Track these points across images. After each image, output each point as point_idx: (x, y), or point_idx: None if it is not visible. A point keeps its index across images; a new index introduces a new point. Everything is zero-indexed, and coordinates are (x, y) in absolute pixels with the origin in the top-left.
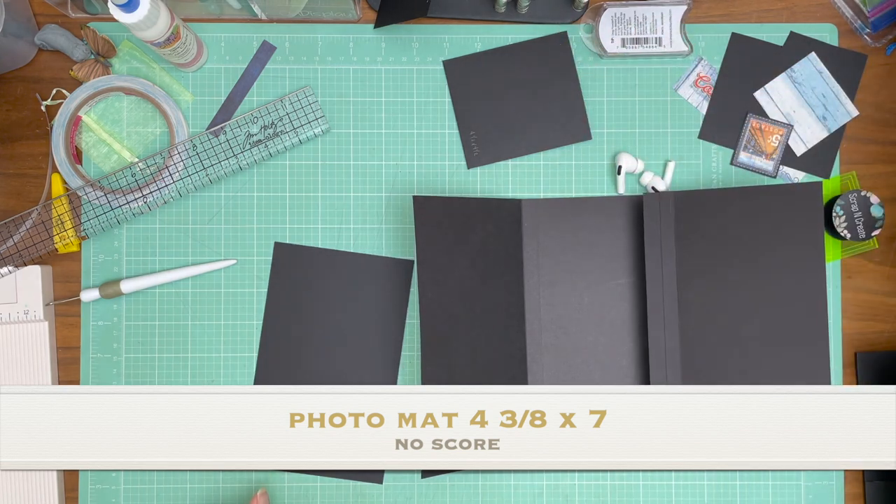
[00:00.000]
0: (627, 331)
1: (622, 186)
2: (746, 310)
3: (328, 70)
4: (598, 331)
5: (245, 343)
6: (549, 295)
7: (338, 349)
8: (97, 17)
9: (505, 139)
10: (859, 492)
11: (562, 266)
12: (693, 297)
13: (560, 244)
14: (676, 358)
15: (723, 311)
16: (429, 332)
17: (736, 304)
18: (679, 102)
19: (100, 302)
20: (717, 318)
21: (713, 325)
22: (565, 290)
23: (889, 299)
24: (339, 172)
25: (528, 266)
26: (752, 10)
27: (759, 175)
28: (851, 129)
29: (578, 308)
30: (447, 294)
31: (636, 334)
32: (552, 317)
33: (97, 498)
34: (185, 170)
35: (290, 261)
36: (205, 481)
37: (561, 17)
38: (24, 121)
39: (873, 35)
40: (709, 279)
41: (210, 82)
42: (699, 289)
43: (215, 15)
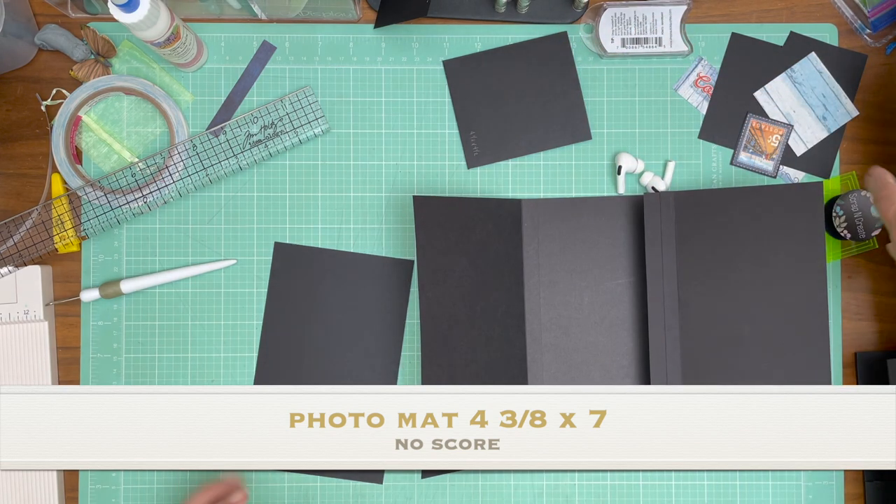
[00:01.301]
0: (628, 330)
1: (622, 186)
2: (747, 310)
3: (328, 70)
4: (598, 330)
5: (245, 343)
6: (550, 295)
7: (338, 349)
8: (97, 17)
9: (505, 139)
10: (859, 492)
11: (562, 266)
12: (693, 296)
13: (560, 244)
14: (677, 358)
15: (723, 312)
16: (429, 332)
17: (736, 305)
18: (679, 102)
19: (100, 302)
20: (718, 318)
21: (713, 325)
22: (565, 289)
23: (889, 299)
24: (339, 172)
25: (529, 266)
26: (752, 10)
27: (759, 175)
28: (851, 129)
29: (578, 308)
30: (447, 294)
31: (636, 334)
32: (552, 316)
33: (97, 498)
34: (185, 170)
35: (290, 261)
36: (205, 481)
37: (561, 17)
38: (24, 121)
39: (873, 35)
40: (709, 279)
41: (210, 82)
42: (699, 289)
43: (215, 15)
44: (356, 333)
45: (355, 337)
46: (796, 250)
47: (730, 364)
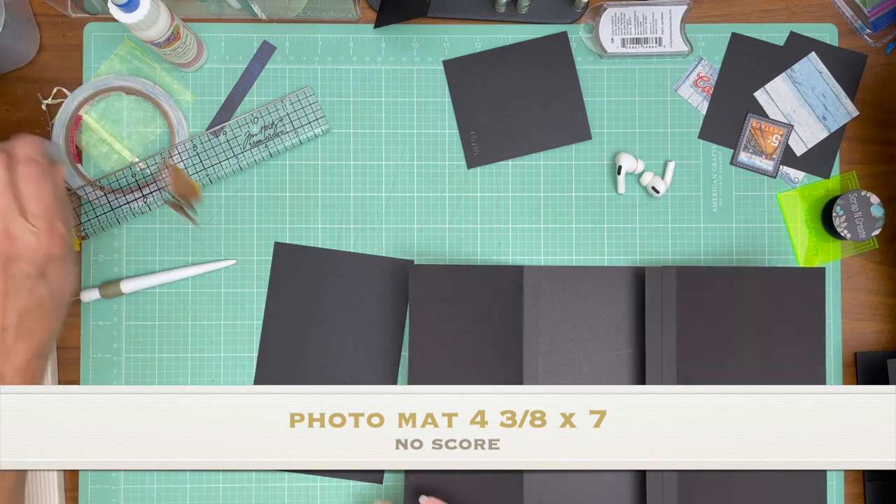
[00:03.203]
0: None
1: (622, 186)
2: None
3: (328, 70)
4: None
5: (245, 343)
6: (548, 364)
7: (338, 349)
8: (97, 16)
9: (505, 139)
10: (859, 492)
11: (561, 335)
12: (692, 373)
13: (560, 312)
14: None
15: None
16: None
17: (734, 385)
18: (679, 102)
19: (100, 302)
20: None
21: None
22: (564, 359)
23: (889, 299)
24: (339, 172)
25: (528, 334)
26: (752, 10)
27: (759, 175)
28: (851, 129)
29: (577, 378)
30: (439, 365)
31: None
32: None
33: (97, 498)
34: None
35: (290, 261)
36: (205, 481)
37: (561, 17)
38: (25, 121)
39: (873, 35)
40: (708, 356)
41: (210, 82)
42: (698, 366)
43: (215, 15)
44: (356, 333)
45: (355, 337)
46: (796, 335)
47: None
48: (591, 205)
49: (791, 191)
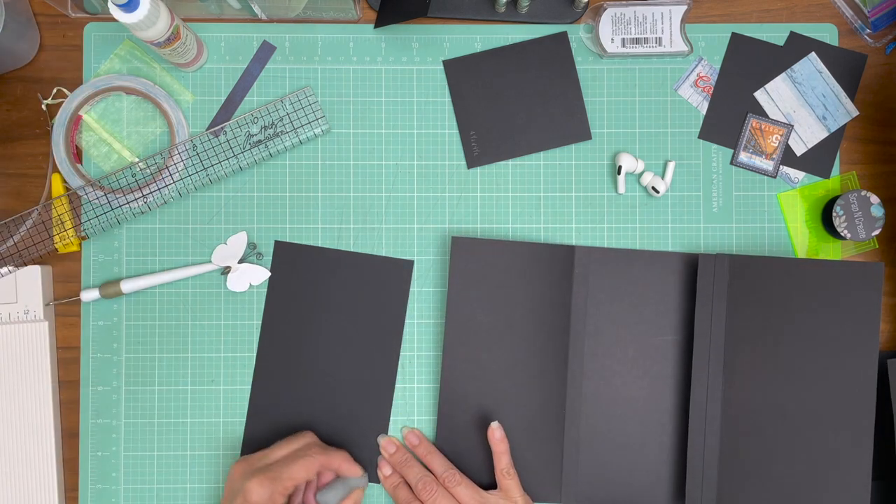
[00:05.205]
0: (669, 388)
1: (622, 186)
2: (792, 385)
3: (328, 70)
4: (640, 385)
5: (245, 343)
6: (594, 344)
7: (337, 348)
8: (97, 16)
9: (505, 139)
10: None
11: (609, 317)
12: (739, 362)
13: (609, 294)
14: (716, 423)
15: (768, 382)
16: (448, 391)
17: (782, 378)
18: (679, 102)
19: (100, 302)
20: (762, 387)
21: (757, 393)
22: (610, 340)
23: (889, 299)
24: (339, 172)
25: (575, 314)
26: (752, 10)
27: (759, 175)
28: (851, 129)
29: (622, 360)
30: (475, 340)
31: (678, 392)
32: (595, 367)
33: (97, 498)
34: (186, 170)
35: (290, 260)
36: (205, 481)
37: (561, 17)
38: (25, 121)
39: (873, 35)
40: (757, 347)
41: (210, 82)
42: (746, 355)
43: (215, 15)
44: (356, 333)
45: (355, 336)
46: (849, 332)
47: (769, 442)
48: (591, 205)
49: (791, 191)
